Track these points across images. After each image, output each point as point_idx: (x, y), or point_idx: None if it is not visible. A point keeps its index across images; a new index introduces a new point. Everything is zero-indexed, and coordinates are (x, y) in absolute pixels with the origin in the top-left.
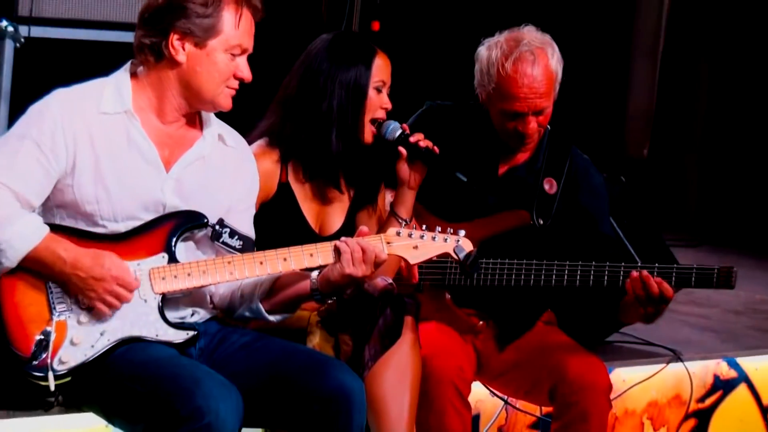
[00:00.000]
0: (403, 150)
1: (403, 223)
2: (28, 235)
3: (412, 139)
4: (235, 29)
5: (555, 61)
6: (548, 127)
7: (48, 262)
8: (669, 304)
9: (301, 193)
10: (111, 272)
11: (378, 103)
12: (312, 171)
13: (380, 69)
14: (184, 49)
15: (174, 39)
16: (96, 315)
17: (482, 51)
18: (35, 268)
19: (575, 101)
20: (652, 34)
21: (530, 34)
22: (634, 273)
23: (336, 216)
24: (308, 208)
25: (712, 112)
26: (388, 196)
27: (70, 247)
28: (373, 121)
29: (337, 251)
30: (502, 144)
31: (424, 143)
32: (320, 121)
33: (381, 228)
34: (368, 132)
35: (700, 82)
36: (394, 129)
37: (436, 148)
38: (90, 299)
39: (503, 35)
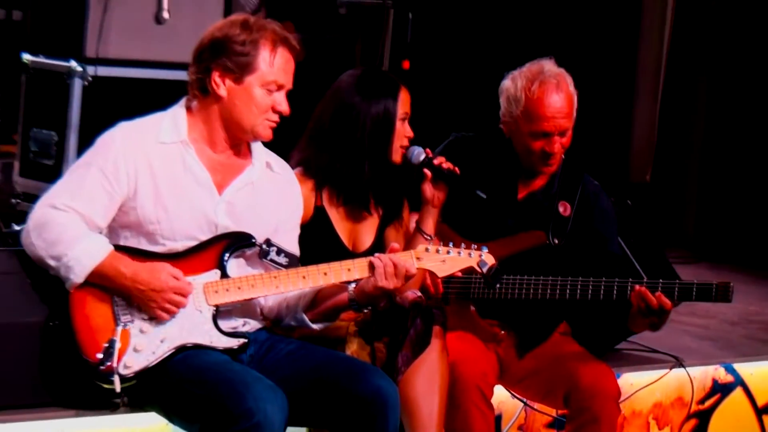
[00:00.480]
0: (427, 172)
1: (429, 238)
2: (93, 252)
3: (435, 162)
4: (270, 67)
5: (572, 88)
6: (563, 155)
7: (111, 276)
8: (669, 314)
9: (335, 216)
10: (168, 283)
11: (403, 132)
12: (346, 196)
13: (404, 102)
14: (224, 84)
15: (216, 75)
16: (156, 324)
17: (507, 82)
18: (100, 283)
19: (584, 132)
20: (653, 73)
21: (549, 64)
22: (636, 287)
23: (367, 233)
24: (342, 228)
25: (709, 139)
26: (412, 221)
27: (130, 263)
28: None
29: (372, 266)
30: (522, 170)
31: (446, 165)
32: (354, 152)
33: (408, 243)
34: (398, 157)
35: (698, 111)
36: (419, 153)
37: (456, 169)
38: (151, 309)
39: (525, 67)
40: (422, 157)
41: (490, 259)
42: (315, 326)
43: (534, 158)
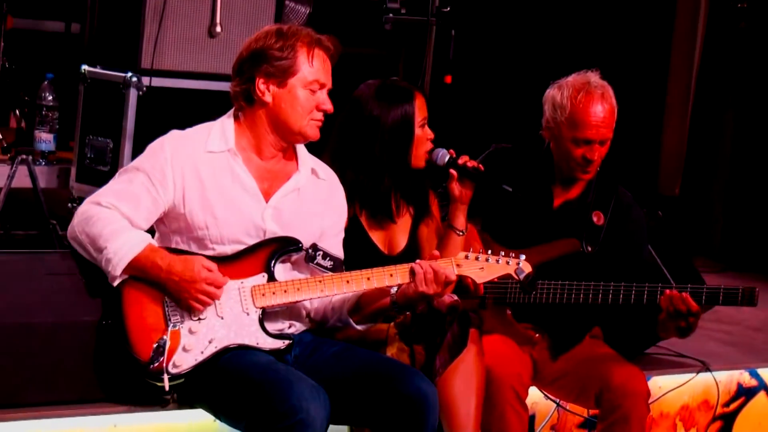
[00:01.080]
0: (453, 172)
1: (461, 233)
2: (132, 245)
3: (459, 161)
4: (309, 67)
5: (614, 101)
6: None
7: (147, 268)
8: (698, 318)
9: (368, 224)
10: (201, 274)
11: (424, 137)
12: (372, 209)
13: (421, 107)
14: (269, 90)
15: (260, 83)
16: (205, 325)
17: (553, 90)
18: (139, 275)
19: (618, 147)
20: (683, 92)
21: (594, 76)
22: (667, 291)
23: (401, 235)
24: (376, 236)
25: (735, 155)
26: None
27: (166, 256)
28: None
29: (413, 273)
30: (558, 179)
31: (471, 163)
32: (375, 165)
33: (441, 239)
34: (421, 162)
35: (725, 127)
36: (444, 155)
37: (481, 166)
38: (185, 300)
39: (571, 77)
40: (447, 158)
41: (527, 267)
42: (358, 327)
43: (573, 164)
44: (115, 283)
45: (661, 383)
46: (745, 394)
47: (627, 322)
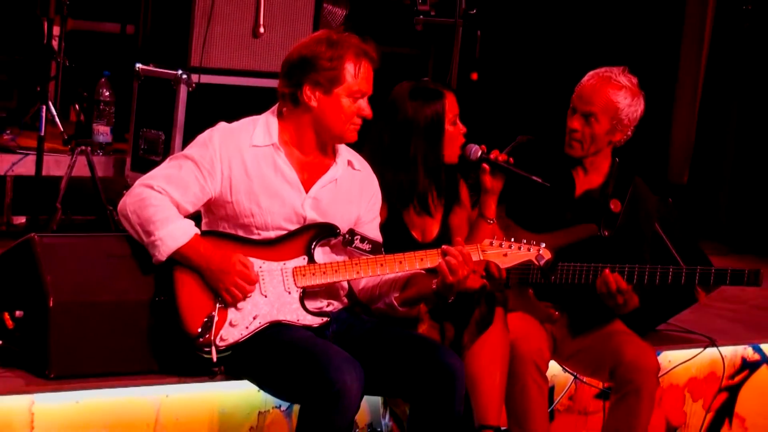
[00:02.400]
0: (486, 166)
1: (491, 222)
2: (177, 236)
3: (491, 156)
4: (355, 78)
5: (621, 96)
6: (617, 159)
7: (189, 256)
8: (627, 295)
9: (406, 216)
10: (235, 267)
11: (456, 132)
12: (411, 205)
13: (452, 106)
14: (315, 96)
15: (307, 89)
16: (250, 303)
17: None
18: (181, 261)
19: (631, 139)
20: (691, 87)
21: (620, 70)
22: (604, 272)
23: (434, 225)
24: (412, 226)
25: (740, 145)
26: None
27: (208, 247)
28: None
29: (444, 254)
30: (580, 172)
31: (502, 157)
32: (411, 165)
33: (471, 227)
34: (454, 158)
35: (731, 120)
36: (476, 150)
37: (511, 158)
38: (219, 289)
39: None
40: (479, 153)
41: (546, 254)
42: (402, 310)
43: (566, 138)
44: (157, 264)
45: (670, 357)
46: (748, 367)
47: (640, 301)
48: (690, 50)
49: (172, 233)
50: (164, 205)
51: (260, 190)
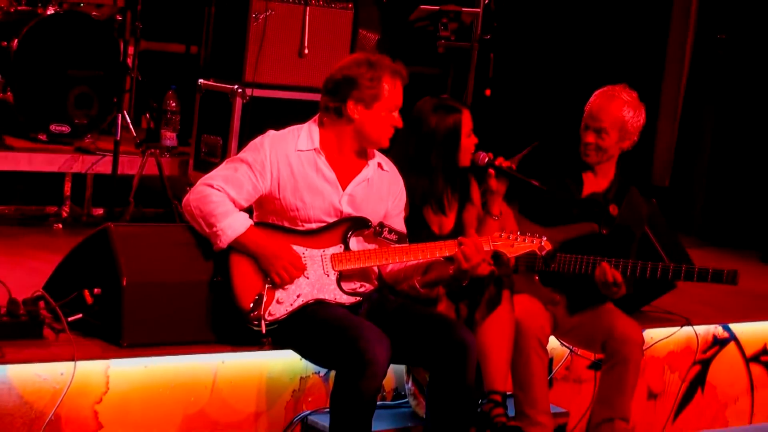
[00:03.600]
0: (491, 170)
1: (497, 218)
2: (235, 228)
3: (496, 162)
4: (391, 95)
5: (625, 111)
6: (619, 169)
7: (246, 244)
8: (621, 287)
9: (426, 213)
10: (285, 253)
11: (470, 143)
12: (429, 204)
13: (467, 121)
14: (357, 110)
15: (350, 105)
16: (294, 283)
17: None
18: (238, 248)
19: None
20: (673, 100)
21: (621, 87)
22: (603, 264)
23: (449, 221)
24: (430, 220)
25: (714, 153)
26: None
27: (262, 236)
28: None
29: (460, 244)
30: (588, 174)
31: (506, 163)
32: (431, 171)
33: (480, 223)
34: (467, 162)
35: (706, 132)
36: (483, 157)
37: (513, 165)
38: (269, 272)
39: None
40: (486, 159)
41: (548, 246)
42: (423, 290)
43: (581, 148)
44: (218, 250)
45: (652, 334)
46: (719, 344)
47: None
48: (672, 72)
49: (232, 225)
50: (223, 200)
51: (304, 188)
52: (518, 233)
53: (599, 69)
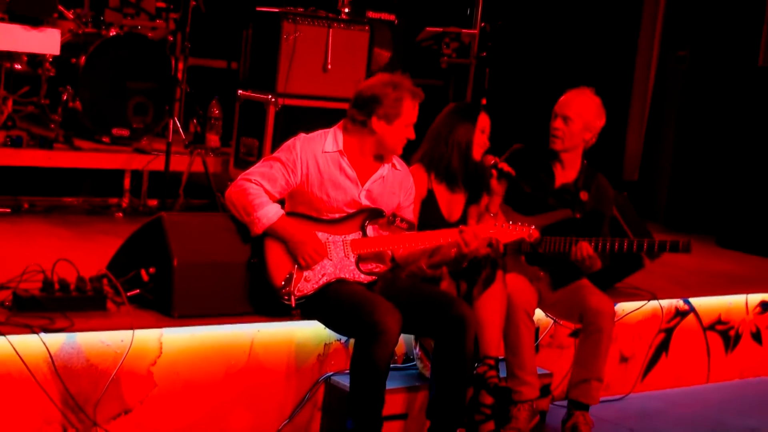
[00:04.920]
0: (494, 171)
1: (494, 215)
2: (269, 216)
3: (499, 165)
4: (409, 113)
5: (590, 106)
6: (585, 161)
7: (278, 231)
8: (594, 260)
9: (439, 196)
10: (310, 239)
11: (482, 138)
12: (445, 178)
13: (482, 120)
14: (380, 124)
15: (374, 119)
16: (320, 264)
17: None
18: (272, 233)
19: (595, 146)
20: (641, 103)
21: (590, 89)
22: (579, 244)
23: (457, 209)
24: (443, 205)
25: (677, 153)
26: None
27: (292, 224)
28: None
29: (461, 232)
30: (558, 169)
31: (507, 168)
32: (451, 151)
33: (479, 217)
34: (478, 155)
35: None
36: (490, 159)
37: (512, 170)
38: (298, 255)
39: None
40: (492, 162)
41: (535, 233)
42: (429, 271)
43: (550, 137)
44: (254, 236)
45: (624, 307)
46: (680, 315)
47: (602, 266)
48: (640, 83)
49: (266, 214)
50: (259, 193)
51: (329, 184)
52: (510, 222)
53: (578, 80)
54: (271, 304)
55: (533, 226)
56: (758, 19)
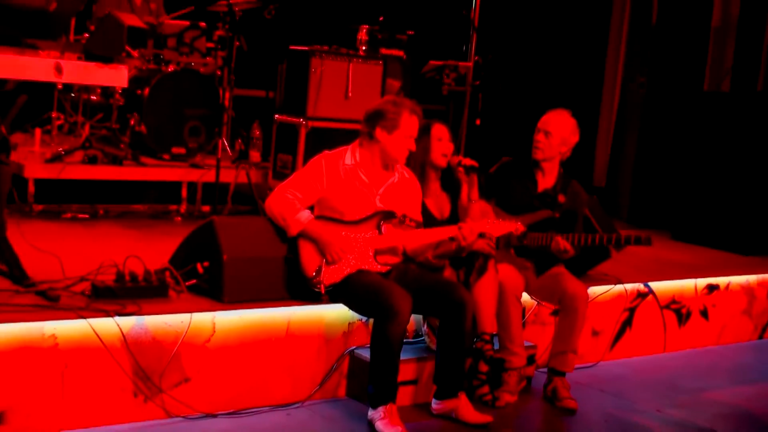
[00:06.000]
0: (461, 168)
1: (474, 201)
2: (302, 221)
3: (464, 162)
4: (407, 126)
5: (567, 124)
6: (562, 169)
7: (309, 232)
8: (569, 253)
9: (428, 200)
10: (336, 239)
11: (440, 147)
12: (423, 188)
13: (437, 130)
14: (381, 135)
15: (378, 130)
16: (344, 260)
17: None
18: (304, 235)
19: (571, 158)
20: (608, 118)
21: (567, 111)
22: (557, 238)
23: (446, 207)
24: (432, 206)
25: (637, 163)
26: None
27: (320, 227)
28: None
29: (460, 228)
30: (540, 177)
31: (468, 162)
32: (417, 171)
33: (468, 206)
34: (442, 162)
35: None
36: (455, 159)
37: (476, 162)
38: (326, 252)
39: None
40: (456, 161)
41: (521, 227)
42: (434, 261)
43: (532, 148)
44: (290, 237)
45: (595, 290)
46: (641, 296)
47: (577, 255)
48: (606, 104)
49: (299, 219)
50: (293, 202)
51: (349, 192)
52: (500, 219)
53: (556, 102)
54: (304, 291)
55: (519, 222)
56: (703, 51)
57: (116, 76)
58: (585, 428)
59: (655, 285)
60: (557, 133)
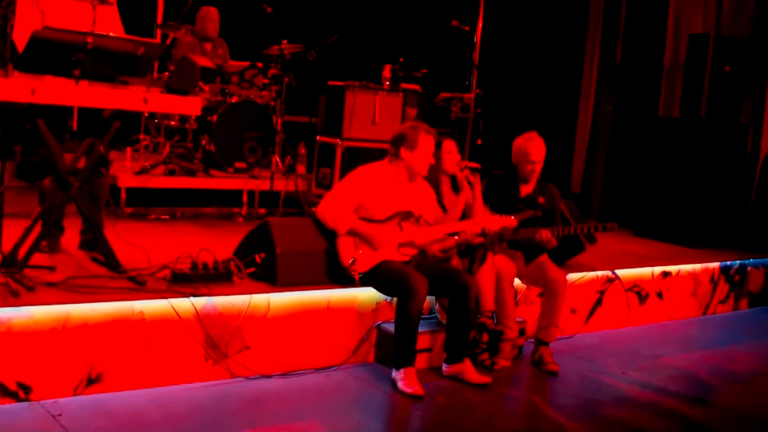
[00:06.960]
0: (467, 170)
1: (477, 198)
2: (346, 223)
3: (468, 165)
4: (425, 144)
5: (544, 149)
6: (540, 177)
7: (355, 230)
8: (548, 243)
9: (443, 199)
10: (378, 232)
11: (450, 158)
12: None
13: (447, 145)
14: (405, 153)
15: (402, 150)
16: (373, 252)
17: (516, 141)
18: (350, 232)
19: (549, 165)
20: (584, 129)
21: (535, 134)
22: (539, 232)
23: (458, 206)
24: (446, 203)
25: (607, 170)
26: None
27: (363, 225)
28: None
29: (476, 223)
30: (522, 185)
31: (473, 164)
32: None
33: (473, 204)
34: (455, 170)
35: (601, 153)
36: (463, 164)
37: (479, 165)
38: (373, 244)
39: (524, 135)
40: (462, 166)
41: (514, 221)
42: (440, 254)
43: (527, 173)
44: (337, 234)
45: (572, 276)
46: (609, 281)
47: (558, 247)
48: (582, 124)
49: (344, 221)
50: (338, 209)
51: (381, 199)
52: (498, 216)
53: (541, 125)
54: (341, 277)
55: (513, 218)
56: (657, 85)
57: (191, 106)
58: (565, 387)
59: (620, 272)
60: (542, 158)
